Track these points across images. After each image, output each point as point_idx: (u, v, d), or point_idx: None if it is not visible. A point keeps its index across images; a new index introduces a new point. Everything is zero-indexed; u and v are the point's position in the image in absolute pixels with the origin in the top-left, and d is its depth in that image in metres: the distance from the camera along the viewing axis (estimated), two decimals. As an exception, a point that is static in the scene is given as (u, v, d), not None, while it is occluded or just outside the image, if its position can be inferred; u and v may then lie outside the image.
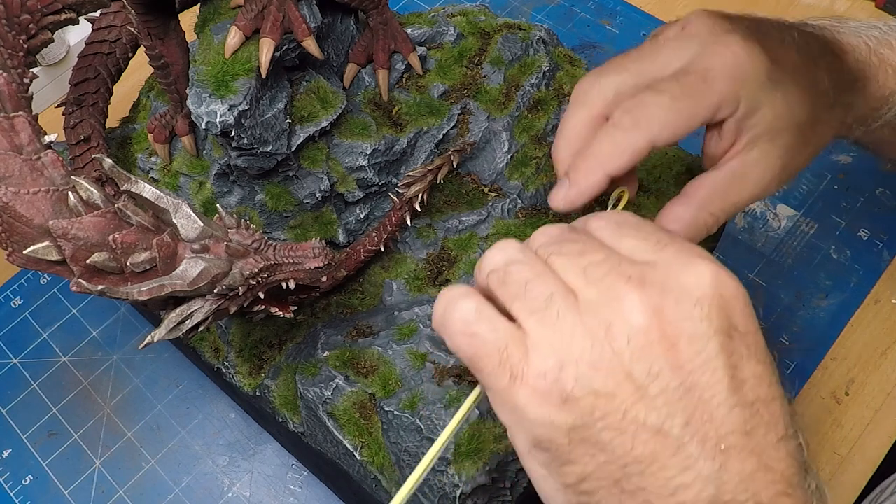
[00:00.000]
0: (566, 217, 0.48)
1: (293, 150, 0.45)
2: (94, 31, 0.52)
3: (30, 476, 0.60)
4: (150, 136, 0.51)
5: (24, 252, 0.34)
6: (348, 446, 0.44)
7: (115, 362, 0.64)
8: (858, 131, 0.48)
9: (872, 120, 0.47)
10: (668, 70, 0.41)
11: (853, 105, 0.46)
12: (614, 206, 0.43)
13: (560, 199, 0.41)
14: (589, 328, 0.29)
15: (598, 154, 0.40)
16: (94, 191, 0.35)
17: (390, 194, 0.49)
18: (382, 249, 0.49)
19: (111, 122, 0.55)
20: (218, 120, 0.41)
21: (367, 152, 0.48)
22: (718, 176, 0.42)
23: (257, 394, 0.49)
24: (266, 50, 0.42)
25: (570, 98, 0.44)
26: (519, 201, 0.52)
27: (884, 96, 0.47)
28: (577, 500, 0.30)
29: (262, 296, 0.38)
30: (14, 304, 0.68)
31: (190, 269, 0.35)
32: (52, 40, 0.43)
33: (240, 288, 0.36)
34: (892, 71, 0.46)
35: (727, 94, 0.40)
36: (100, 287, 0.35)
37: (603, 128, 0.41)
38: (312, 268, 0.38)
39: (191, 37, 0.47)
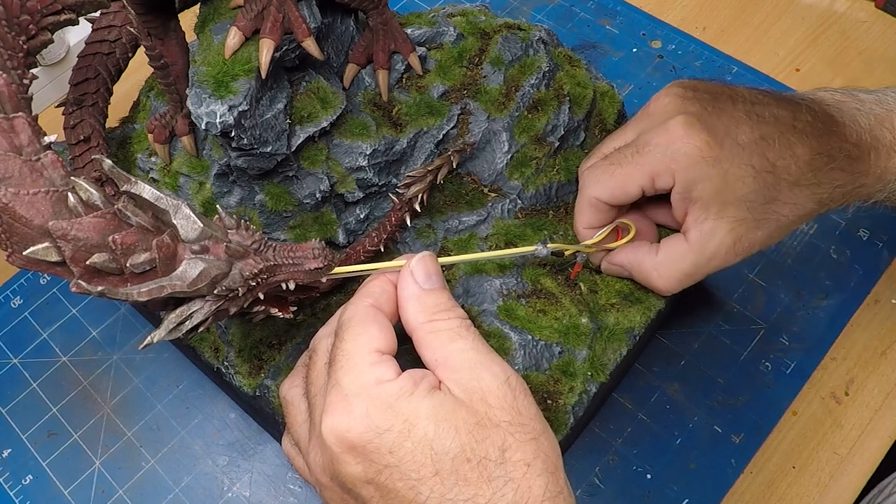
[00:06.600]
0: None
1: (293, 150, 0.45)
2: (94, 31, 0.52)
3: (30, 476, 0.60)
4: (150, 136, 0.51)
5: (24, 253, 0.34)
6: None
7: (115, 362, 0.64)
8: (854, 207, 0.50)
9: (866, 198, 0.50)
10: (624, 143, 0.50)
11: (836, 181, 0.47)
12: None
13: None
14: None
15: (575, 213, 0.52)
16: (94, 191, 0.35)
17: (390, 194, 0.49)
18: (382, 250, 0.49)
19: (111, 122, 0.55)
20: (218, 120, 0.41)
21: (367, 152, 0.48)
22: (682, 242, 0.48)
23: (257, 394, 0.49)
24: (266, 50, 0.42)
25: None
26: (519, 201, 0.52)
27: (876, 175, 0.48)
28: None
29: (261, 296, 0.38)
30: (14, 304, 0.68)
31: (190, 269, 0.35)
32: (51, 41, 0.43)
33: (239, 289, 0.36)
34: (885, 151, 0.48)
35: (659, 166, 0.46)
36: (99, 288, 0.35)
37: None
38: (312, 268, 0.37)
39: (191, 37, 0.47)
